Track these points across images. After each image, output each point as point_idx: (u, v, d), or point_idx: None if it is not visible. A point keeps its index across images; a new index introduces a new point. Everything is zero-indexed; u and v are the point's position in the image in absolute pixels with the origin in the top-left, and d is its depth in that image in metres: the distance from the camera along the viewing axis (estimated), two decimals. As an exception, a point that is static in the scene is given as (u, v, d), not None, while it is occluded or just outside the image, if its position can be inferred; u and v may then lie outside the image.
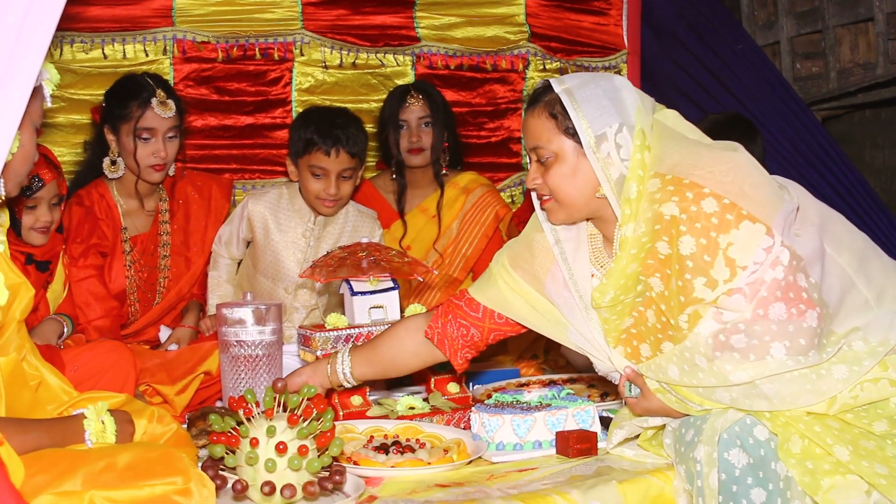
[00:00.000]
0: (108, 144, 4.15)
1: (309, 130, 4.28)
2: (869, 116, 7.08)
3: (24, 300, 2.61)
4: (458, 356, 3.18)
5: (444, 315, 3.18)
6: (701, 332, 2.69)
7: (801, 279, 2.65)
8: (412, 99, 4.75)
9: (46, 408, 2.69)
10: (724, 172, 2.68)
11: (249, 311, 3.52)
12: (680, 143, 2.79)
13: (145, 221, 4.29)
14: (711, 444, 2.67)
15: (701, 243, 2.64)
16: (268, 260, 4.39)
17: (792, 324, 2.61)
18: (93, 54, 4.69)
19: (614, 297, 2.81)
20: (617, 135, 2.77)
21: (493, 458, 3.05)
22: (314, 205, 4.35)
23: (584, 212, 2.89)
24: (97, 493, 2.26)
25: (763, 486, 2.63)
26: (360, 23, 5.11)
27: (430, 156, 4.76)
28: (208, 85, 4.91)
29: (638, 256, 2.75)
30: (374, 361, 3.25)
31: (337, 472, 2.63)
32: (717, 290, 2.64)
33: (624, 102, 2.80)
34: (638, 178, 2.74)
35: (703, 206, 2.64)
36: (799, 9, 6.14)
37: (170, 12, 4.79)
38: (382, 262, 3.57)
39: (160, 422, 2.75)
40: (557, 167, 2.85)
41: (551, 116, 2.84)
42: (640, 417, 2.94)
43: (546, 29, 5.44)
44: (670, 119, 2.86)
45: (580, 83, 2.83)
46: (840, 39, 5.95)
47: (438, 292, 4.81)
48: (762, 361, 2.62)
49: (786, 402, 2.63)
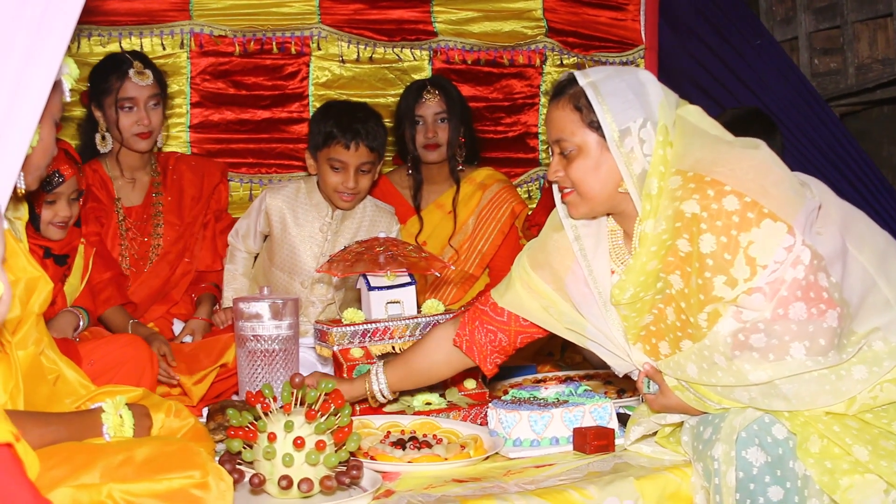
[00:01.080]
0: (96, 122, 4.28)
1: (329, 124, 4.28)
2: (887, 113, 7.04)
3: (43, 294, 2.61)
4: (487, 362, 3.17)
5: (471, 322, 3.18)
6: (720, 331, 2.67)
7: (822, 279, 2.63)
8: (428, 94, 4.75)
9: (64, 401, 2.69)
10: (745, 170, 2.66)
11: (266, 306, 3.53)
12: (702, 139, 2.77)
13: (138, 194, 4.39)
14: (729, 442, 2.67)
15: (721, 241, 2.62)
16: (284, 254, 4.39)
17: (812, 324, 2.60)
18: (110, 48, 4.69)
19: (634, 293, 2.80)
20: (641, 130, 2.75)
21: (510, 455, 3.05)
22: (332, 198, 4.35)
23: (605, 206, 2.87)
24: (115, 486, 2.26)
25: (781, 485, 2.63)
26: (377, 17, 5.12)
27: (446, 152, 4.75)
28: (225, 79, 4.93)
29: (658, 254, 2.74)
30: (408, 376, 3.27)
31: (354, 467, 2.63)
32: (736, 288, 2.62)
33: (648, 97, 2.78)
34: (659, 174, 2.73)
35: (724, 203, 2.62)
36: (817, 4, 6.12)
37: (187, 6, 4.80)
38: (399, 258, 3.56)
39: (178, 416, 2.75)
40: (581, 160, 2.82)
41: (576, 109, 2.82)
42: (658, 414, 2.94)
43: (563, 24, 5.43)
44: (693, 115, 2.84)
45: (605, 76, 2.82)
46: (858, 35, 5.92)
47: (454, 288, 4.81)
48: (782, 361, 2.61)
49: (805, 403, 2.63)
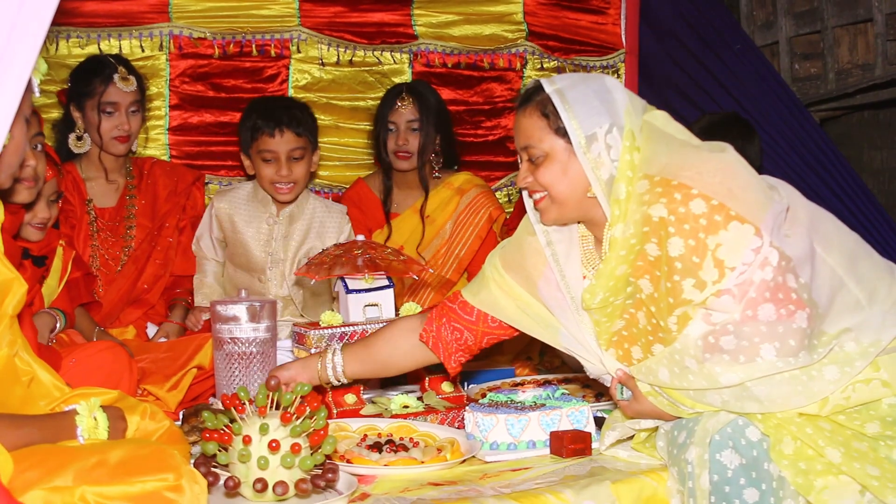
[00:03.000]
0: (74, 122, 4.33)
1: (252, 118, 4.39)
2: (867, 118, 7.07)
3: (17, 296, 2.60)
4: (451, 360, 3.18)
5: (438, 318, 3.18)
6: (690, 334, 2.69)
7: (790, 280, 2.64)
8: (402, 102, 4.74)
9: (38, 403, 2.67)
10: (712, 173, 2.67)
11: (244, 308, 3.51)
12: (668, 144, 2.78)
13: (112, 196, 4.45)
14: (703, 445, 2.68)
15: (689, 244, 2.64)
16: (239, 253, 4.49)
17: (781, 325, 2.61)
18: (88, 49, 4.68)
19: (604, 298, 2.81)
20: (607, 135, 2.76)
21: (486, 458, 3.04)
22: (271, 193, 4.43)
23: (576, 212, 2.89)
24: (88, 488, 2.25)
25: (756, 487, 2.64)
26: (357, 20, 5.11)
27: (417, 160, 4.75)
28: (204, 81, 4.91)
29: (627, 258, 2.75)
30: (366, 360, 3.25)
31: (330, 470, 2.62)
32: (705, 291, 2.64)
33: (615, 103, 2.80)
34: (627, 179, 2.74)
35: (691, 207, 2.64)
36: (798, 9, 6.14)
37: (166, 8, 4.79)
38: (377, 261, 3.56)
39: (152, 418, 2.74)
40: (548, 166, 2.84)
41: (543, 116, 2.84)
42: (633, 420, 2.94)
43: (544, 27, 5.43)
44: (659, 120, 2.85)
45: (571, 83, 2.83)
46: (839, 40, 5.94)
47: (432, 292, 4.80)
48: (752, 363, 2.61)
49: (777, 404, 2.64)
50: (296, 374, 3.22)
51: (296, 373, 3.23)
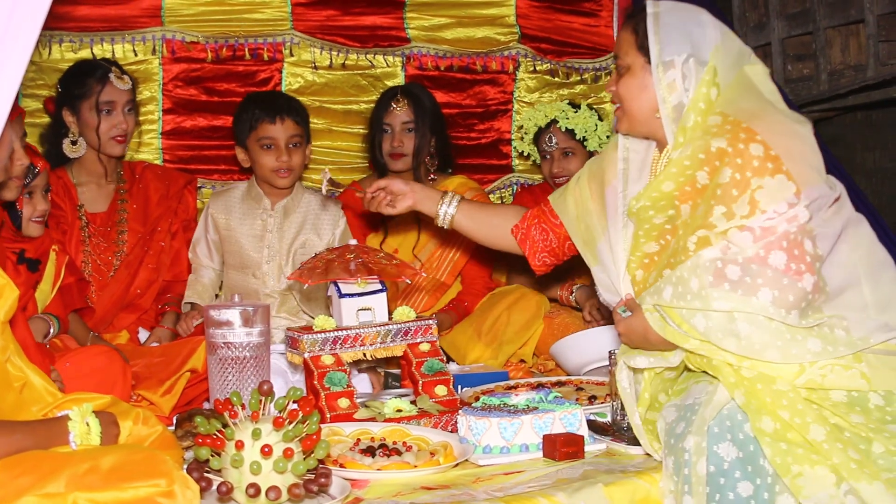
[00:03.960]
0: (66, 127, 4.31)
1: (251, 108, 4.43)
2: (860, 118, 7.07)
3: (9, 301, 2.60)
4: (536, 258, 3.49)
5: (531, 217, 3.49)
6: (703, 255, 2.80)
7: (807, 244, 2.76)
8: (396, 104, 4.74)
9: (31, 409, 2.68)
10: (781, 132, 2.84)
11: (237, 313, 3.51)
12: (756, 97, 2.95)
13: (104, 201, 4.43)
14: (701, 433, 2.72)
15: (735, 178, 2.79)
16: (234, 251, 4.49)
17: (787, 278, 2.73)
18: (81, 54, 4.68)
19: (644, 207, 2.96)
20: (684, 65, 2.96)
21: (479, 462, 3.05)
22: (270, 180, 4.43)
23: (643, 128, 3.11)
24: (80, 494, 2.26)
25: (751, 481, 2.69)
26: (350, 23, 5.10)
27: (412, 161, 4.75)
28: (197, 85, 4.91)
29: (676, 178, 2.90)
30: (473, 219, 3.61)
31: (322, 475, 2.62)
32: (731, 221, 2.78)
33: (704, 38, 2.98)
34: (698, 110, 2.94)
35: (750, 147, 2.79)
36: (790, 10, 6.13)
37: (159, 12, 4.79)
38: (370, 265, 3.56)
39: (145, 423, 2.74)
40: (628, 79, 3.08)
41: (633, 32, 3.05)
42: (628, 355, 3.04)
43: (536, 30, 5.43)
44: (757, 76, 3.00)
45: (669, 10, 3.02)
46: (831, 41, 5.94)
47: (426, 295, 4.81)
48: (747, 299, 2.73)
49: (754, 350, 2.74)
50: (412, 195, 3.64)
51: (416, 201, 3.64)
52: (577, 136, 4.77)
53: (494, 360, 4.40)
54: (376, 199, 3.68)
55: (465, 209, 3.60)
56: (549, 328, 4.51)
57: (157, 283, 4.44)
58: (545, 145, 4.85)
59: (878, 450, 2.65)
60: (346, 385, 3.43)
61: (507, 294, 4.65)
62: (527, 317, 4.52)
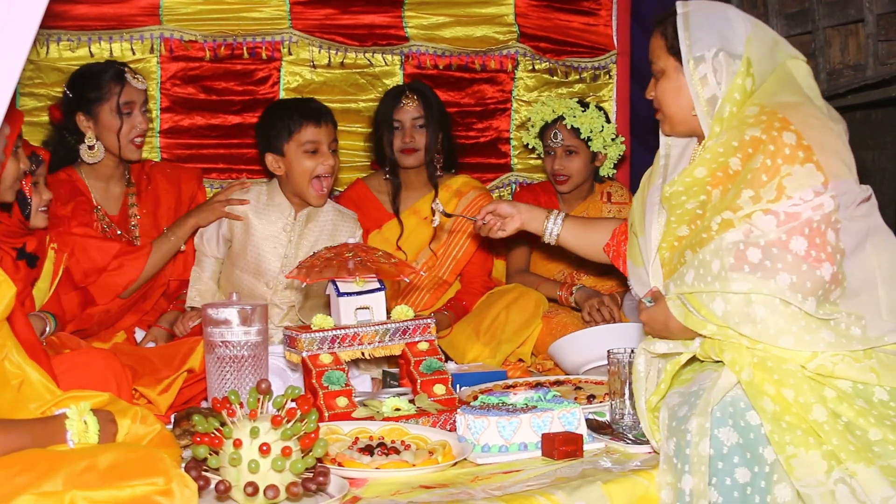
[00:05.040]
0: (78, 132, 4.20)
1: (289, 113, 4.31)
2: (859, 118, 7.06)
3: (5, 299, 2.59)
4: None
5: (620, 234, 3.55)
6: (726, 238, 2.86)
7: (830, 235, 2.82)
8: (407, 100, 4.76)
9: (29, 406, 2.67)
10: (815, 126, 2.90)
11: (235, 312, 3.51)
12: (794, 91, 3.01)
13: (114, 204, 4.35)
14: (704, 415, 2.76)
15: (766, 164, 2.84)
16: (249, 256, 4.37)
17: (806, 265, 2.78)
18: (79, 52, 4.66)
19: (677, 192, 3.03)
20: (714, 59, 3.02)
21: (478, 460, 3.04)
22: (307, 191, 4.31)
23: (683, 127, 3.17)
24: (78, 493, 2.26)
25: (749, 468, 2.73)
26: (348, 22, 5.10)
27: (424, 157, 4.76)
28: (195, 84, 4.90)
29: (709, 164, 2.96)
30: (577, 237, 3.67)
31: (321, 474, 2.62)
32: (757, 205, 2.84)
33: (733, 31, 3.04)
34: (733, 101, 3.00)
35: (783, 136, 2.85)
36: (789, 9, 6.13)
37: (157, 11, 4.77)
38: (369, 263, 3.56)
39: (143, 422, 2.73)
40: (664, 82, 3.16)
41: (662, 36, 3.14)
42: (647, 341, 3.08)
43: (535, 29, 5.43)
44: (798, 71, 3.08)
45: (698, 8, 3.09)
46: (830, 41, 5.93)
47: (428, 294, 4.81)
48: (766, 281, 2.78)
49: (769, 335, 2.79)
50: (519, 216, 3.69)
51: (524, 218, 3.69)
52: (581, 136, 4.77)
53: (492, 359, 4.40)
54: (487, 225, 3.73)
55: (570, 227, 3.67)
56: (547, 327, 4.51)
57: (162, 287, 4.41)
58: (550, 141, 4.85)
59: (875, 437, 2.70)
60: (344, 384, 3.42)
61: (506, 293, 4.64)
62: (525, 316, 4.52)
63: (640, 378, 3.09)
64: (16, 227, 3.65)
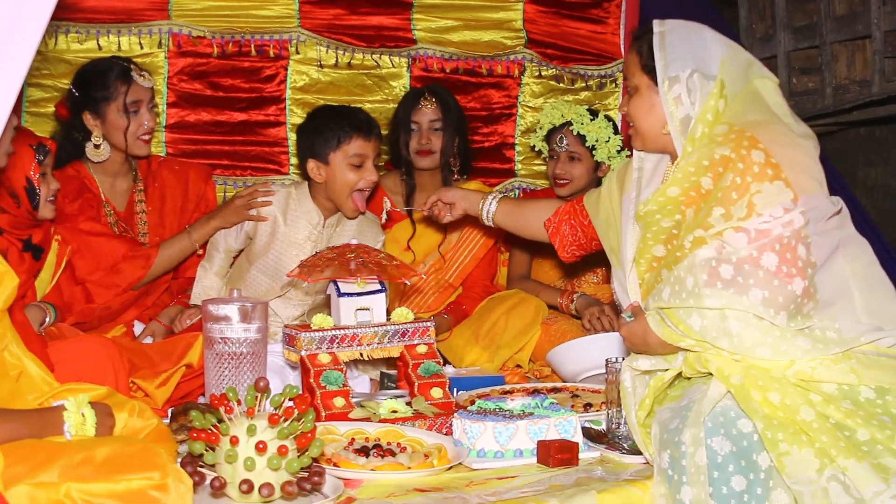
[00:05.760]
0: (84, 130, 4.19)
1: (339, 122, 4.24)
2: (863, 134, 7.08)
3: (8, 290, 2.60)
4: (565, 250, 3.68)
5: (563, 213, 3.66)
6: (698, 254, 2.89)
7: (801, 250, 2.85)
8: (425, 101, 4.79)
9: (27, 398, 2.68)
10: (783, 143, 2.93)
11: (235, 308, 3.51)
12: (762, 109, 3.04)
13: (121, 199, 4.34)
14: (697, 425, 2.77)
15: (735, 181, 2.88)
16: (269, 258, 4.31)
17: (778, 280, 2.80)
18: (87, 45, 4.66)
19: (651, 211, 3.07)
20: (688, 79, 3.05)
21: (473, 465, 3.05)
22: (344, 204, 4.26)
23: (654, 144, 3.22)
24: (73, 485, 2.27)
25: (744, 475, 2.75)
26: (356, 23, 5.10)
27: (439, 159, 4.78)
28: (202, 80, 4.89)
29: (682, 183, 3.01)
30: (511, 215, 3.81)
31: (316, 473, 2.62)
32: (728, 222, 2.88)
33: (708, 52, 3.09)
34: (706, 122, 3.03)
35: (752, 154, 2.89)
36: (797, 23, 6.15)
37: (166, 6, 4.77)
38: (370, 264, 3.56)
39: (140, 416, 2.74)
40: (636, 99, 3.20)
41: (638, 53, 3.18)
42: (631, 357, 3.09)
43: (543, 35, 5.43)
44: (766, 88, 3.10)
45: (674, 28, 3.14)
46: (837, 56, 5.95)
47: (432, 296, 4.82)
48: (738, 297, 2.80)
49: (745, 347, 2.81)
50: (461, 201, 3.86)
51: (460, 199, 3.86)
52: (587, 143, 4.77)
53: (490, 363, 4.40)
54: (434, 212, 3.91)
55: (504, 207, 3.80)
56: (546, 334, 4.51)
57: (166, 283, 4.40)
58: (555, 145, 4.85)
59: (863, 437, 2.71)
60: (341, 384, 3.43)
61: (506, 298, 4.65)
62: (524, 322, 4.52)
63: (628, 393, 3.09)
64: (24, 218, 3.66)
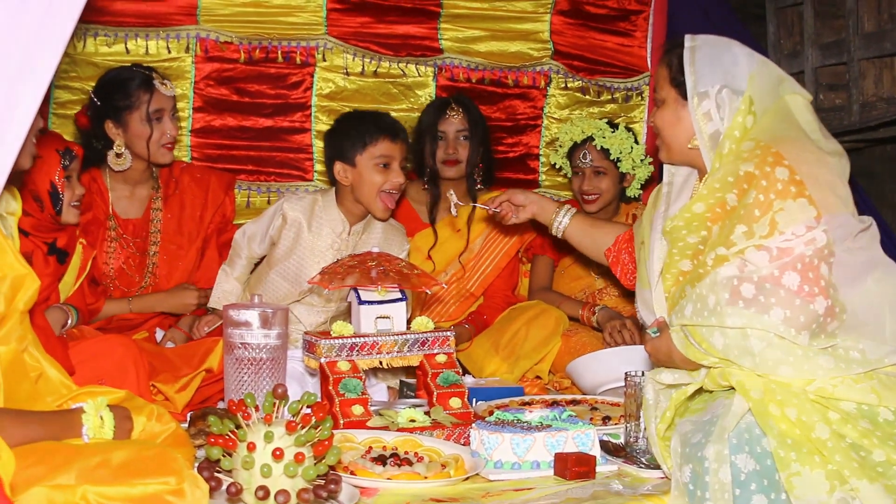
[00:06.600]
0: (109, 140, 4.22)
1: (366, 124, 4.27)
2: (890, 151, 7.04)
3: (29, 291, 2.61)
4: (627, 278, 3.61)
5: (622, 241, 3.64)
6: (720, 272, 2.88)
7: (823, 269, 2.83)
8: (452, 111, 4.80)
9: (46, 399, 2.69)
10: (809, 161, 2.92)
11: (256, 314, 3.52)
12: (790, 125, 3.03)
13: (137, 208, 4.37)
14: (721, 441, 2.76)
15: (759, 199, 2.87)
16: (291, 264, 4.31)
17: (799, 299, 2.79)
18: (115, 48, 4.69)
19: (677, 227, 3.06)
20: (717, 95, 3.06)
21: (490, 476, 3.04)
22: (373, 204, 4.26)
23: (679, 157, 3.24)
24: (90, 488, 2.27)
25: (766, 494, 2.73)
26: (383, 31, 5.11)
27: (465, 169, 4.78)
28: (229, 85, 4.91)
29: (706, 199, 3.00)
30: (582, 234, 3.76)
31: (332, 481, 2.62)
32: (750, 240, 2.86)
33: (737, 68, 3.08)
34: (733, 138, 3.02)
35: (776, 171, 2.88)
36: (825, 40, 6.12)
37: (194, 11, 4.79)
38: (391, 273, 3.56)
39: (159, 420, 2.75)
40: (664, 112, 3.21)
41: (667, 66, 3.19)
42: (655, 370, 3.10)
43: (570, 47, 5.42)
44: (796, 106, 3.09)
45: (704, 43, 3.15)
46: (864, 72, 5.92)
47: (453, 306, 4.82)
48: (759, 316, 2.79)
49: (767, 366, 2.80)
50: (532, 206, 3.80)
51: (535, 205, 3.80)
52: (611, 157, 4.76)
53: (510, 374, 4.40)
54: (501, 213, 3.85)
55: (577, 223, 3.75)
56: (566, 346, 4.51)
57: None
58: (579, 161, 4.84)
59: (878, 458, 2.70)
60: (360, 392, 3.42)
61: (527, 309, 4.64)
62: (545, 333, 4.52)
63: (650, 406, 3.09)
64: (47, 222, 3.67)
